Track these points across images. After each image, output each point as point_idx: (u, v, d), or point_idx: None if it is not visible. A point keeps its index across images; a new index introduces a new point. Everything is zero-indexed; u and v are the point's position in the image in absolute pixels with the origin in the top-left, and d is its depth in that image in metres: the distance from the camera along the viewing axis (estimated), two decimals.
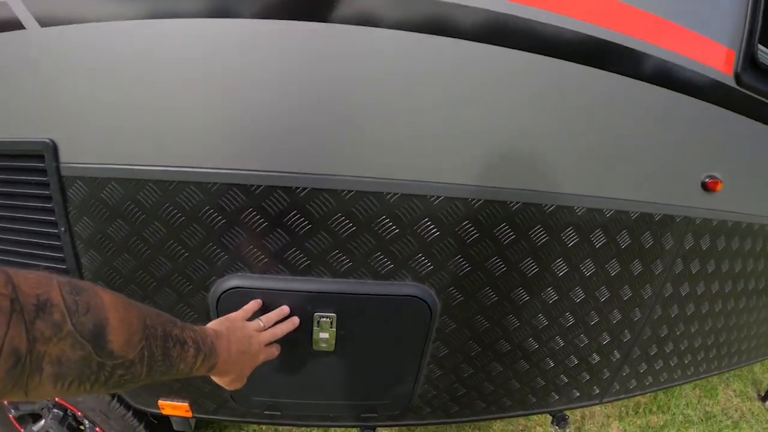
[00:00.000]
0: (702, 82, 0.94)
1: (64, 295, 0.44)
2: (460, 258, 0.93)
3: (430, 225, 0.88)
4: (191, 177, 0.84)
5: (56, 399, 1.55)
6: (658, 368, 1.42)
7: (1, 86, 0.85)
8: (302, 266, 0.90)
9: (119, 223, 0.90)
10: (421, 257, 0.91)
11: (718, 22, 0.94)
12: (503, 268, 0.95)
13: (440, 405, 1.20)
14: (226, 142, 0.82)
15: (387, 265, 0.91)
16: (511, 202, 0.90)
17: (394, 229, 0.88)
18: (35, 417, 1.80)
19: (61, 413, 1.68)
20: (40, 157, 0.87)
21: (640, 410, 2.25)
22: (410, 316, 0.96)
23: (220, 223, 0.87)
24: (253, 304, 0.88)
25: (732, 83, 0.97)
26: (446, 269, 0.94)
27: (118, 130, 0.83)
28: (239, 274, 0.91)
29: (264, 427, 1.97)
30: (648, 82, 0.90)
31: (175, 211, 0.86)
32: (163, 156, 0.84)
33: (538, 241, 0.94)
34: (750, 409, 2.44)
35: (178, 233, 0.88)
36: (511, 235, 0.93)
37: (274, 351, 0.87)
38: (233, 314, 0.84)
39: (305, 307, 0.91)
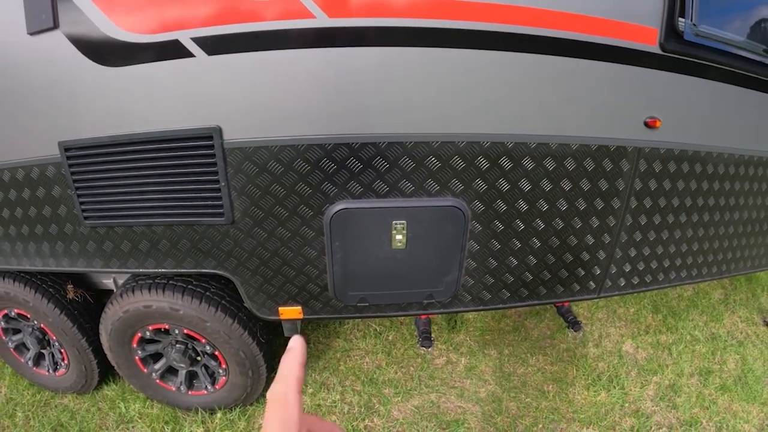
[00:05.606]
0: (634, 54, 1.64)
1: None
2: (479, 180, 1.66)
3: (458, 160, 1.62)
4: (314, 141, 1.58)
5: (184, 330, 2.29)
6: (641, 269, 2.12)
7: (183, 90, 1.57)
8: (383, 191, 1.64)
9: (264, 175, 1.65)
10: (455, 181, 1.65)
11: (642, 10, 1.61)
12: (507, 186, 1.68)
13: (477, 294, 1.93)
14: (337, 119, 1.57)
15: (435, 187, 1.65)
16: (508, 142, 1.62)
17: (437, 164, 1.61)
18: (156, 357, 2.54)
19: (183, 347, 2.42)
20: (209, 138, 1.63)
21: (651, 331, 2.93)
22: (451, 220, 1.69)
23: (332, 168, 1.61)
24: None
25: (658, 51, 1.66)
26: (472, 188, 1.67)
27: (262, 116, 1.58)
28: (344, 200, 1.66)
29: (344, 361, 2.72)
30: (598, 60, 1.60)
31: (304, 163, 1.61)
32: (295, 129, 1.58)
33: (528, 167, 1.66)
34: (755, 333, 3.06)
35: (312, 177, 1.63)
36: (509, 164, 1.65)
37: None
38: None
39: (386, 217, 1.66)
